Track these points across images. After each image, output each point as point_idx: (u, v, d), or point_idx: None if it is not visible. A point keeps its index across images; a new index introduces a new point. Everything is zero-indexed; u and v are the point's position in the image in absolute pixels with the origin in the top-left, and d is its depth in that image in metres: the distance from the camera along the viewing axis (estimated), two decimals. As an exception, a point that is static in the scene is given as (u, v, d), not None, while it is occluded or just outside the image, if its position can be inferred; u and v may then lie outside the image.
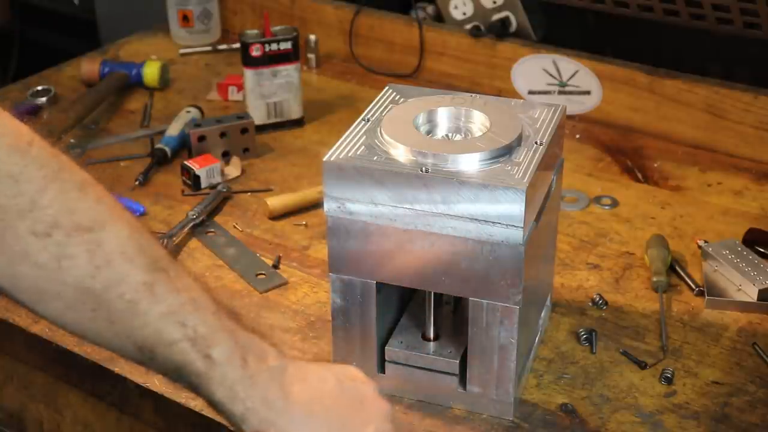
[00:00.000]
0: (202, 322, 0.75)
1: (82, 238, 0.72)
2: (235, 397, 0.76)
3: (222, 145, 1.49)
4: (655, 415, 1.01)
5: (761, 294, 1.16)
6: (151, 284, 0.74)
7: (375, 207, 0.94)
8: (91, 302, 0.73)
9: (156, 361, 0.76)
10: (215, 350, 0.75)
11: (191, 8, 1.88)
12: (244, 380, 0.76)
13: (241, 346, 0.77)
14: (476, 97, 1.04)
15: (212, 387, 0.76)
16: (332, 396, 0.81)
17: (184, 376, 0.76)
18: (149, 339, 0.74)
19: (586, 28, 1.72)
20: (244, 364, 0.76)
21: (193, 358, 0.75)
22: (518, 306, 0.94)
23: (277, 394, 0.78)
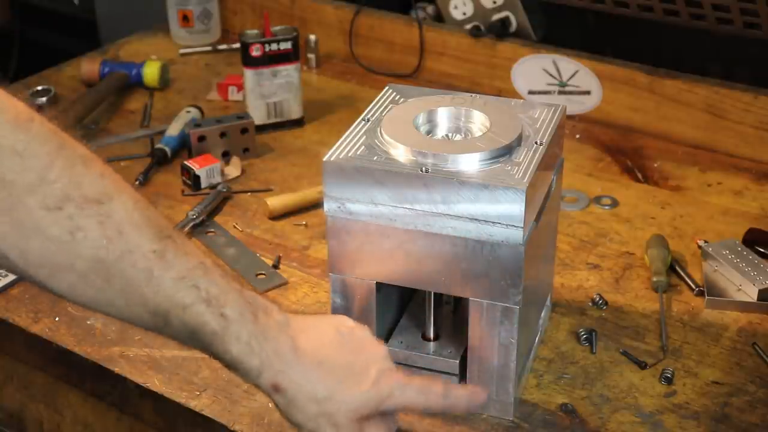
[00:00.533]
0: (213, 283, 0.79)
1: (92, 210, 0.74)
2: (251, 351, 0.80)
3: (222, 145, 1.49)
4: (655, 415, 1.01)
5: (761, 294, 1.16)
6: (161, 252, 0.76)
7: (375, 207, 0.94)
8: (104, 273, 0.75)
9: (170, 326, 0.78)
10: (228, 309, 0.79)
11: (191, 8, 1.88)
12: (257, 335, 0.80)
13: (251, 303, 0.81)
14: (476, 97, 1.04)
15: (228, 344, 0.79)
16: (334, 344, 0.86)
17: (200, 338, 0.79)
18: (163, 304, 0.77)
19: (586, 28, 1.72)
20: (255, 319, 0.81)
21: (208, 319, 0.78)
22: (518, 306, 0.94)
23: (287, 346, 0.82)
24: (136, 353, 1.10)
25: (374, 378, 0.85)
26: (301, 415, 0.84)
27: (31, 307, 1.17)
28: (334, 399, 0.83)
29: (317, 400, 0.83)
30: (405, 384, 0.87)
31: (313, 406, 0.83)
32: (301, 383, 0.82)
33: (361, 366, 0.86)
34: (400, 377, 0.87)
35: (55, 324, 1.15)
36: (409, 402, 0.87)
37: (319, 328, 0.87)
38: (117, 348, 1.11)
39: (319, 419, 0.84)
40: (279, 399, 0.83)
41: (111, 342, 1.12)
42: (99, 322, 1.15)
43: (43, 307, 1.17)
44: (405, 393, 0.86)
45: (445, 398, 0.89)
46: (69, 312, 1.16)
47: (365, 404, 0.85)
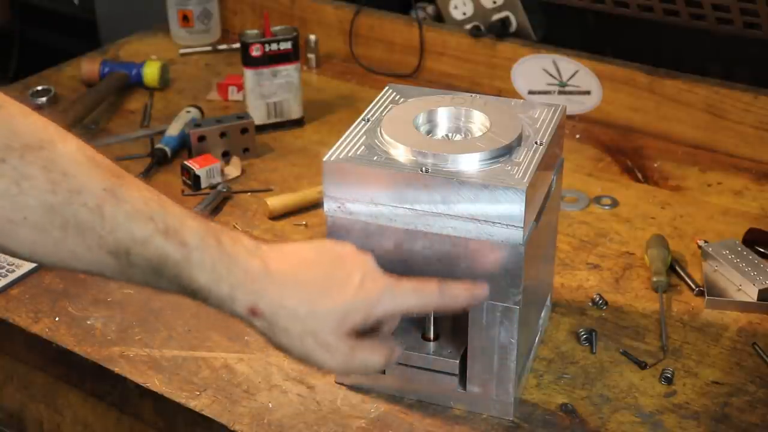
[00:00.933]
0: (169, 213, 0.77)
1: (35, 156, 0.72)
2: (219, 277, 0.77)
3: (222, 145, 1.49)
4: (655, 415, 1.01)
5: (761, 294, 1.16)
6: (111, 189, 0.75)
7: (375, 207, 0.94)
8: (57, 220, 0.73)
9: (135, 266, 0.76)
10: (188, 236, 0.77)
11: (191, 8, 1.89)
12: (222, 258, 0.78)
13: (213, 230, 0.79)
14: (476, 97, 1.04)
15: (194, 273, 0.77)
16: (312, 260, 0.83)
17: (165, 272, 0.77)
18: (122, 242, 0.75)
19: (586, 28, 1.72)
20: (219, 244, 0.78)
21: (169, 250, 0.76)
22: (518, 306, 0.94)
23: (258, 267, 0.79)
24: (136, 353, 1.10)
25: (358, 284, 0.81)
26: (286, 337, 0.80)
27: (31, 307, 1.17)
28: (317, 313, 0.79)
29: (299, 318, 0.79)
30: (395, 286, 0.82)
31: (296, 324, 0.79)
32: (279, 302, 0.79)
33: (344, 275, 0.82)
34: (389, 280, 0.83)
35: (55, 324, 1.15)
36: (401, 304, 0.83)
37: (295, 249, 0.83)
38: (117, 348, 1.11)
39: (306, 339, 0.80)
40: (260, 324, 0.80)
41: (111, 342, 1.12)
42: (99, 322, 1.15)
43: (43, 307, 1.17)
44: (396, 296, 0.82)
45: (442, 296, 0.84)
46: (69, 312, 1.16)
47: (353, 313, 0.80)
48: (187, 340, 1.12)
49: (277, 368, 1.07)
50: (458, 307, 0.88)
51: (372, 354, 0.83)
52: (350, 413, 1.01)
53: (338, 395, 1.04)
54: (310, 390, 1.04)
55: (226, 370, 1.07)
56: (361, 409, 1.02)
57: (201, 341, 1.12)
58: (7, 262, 1.24)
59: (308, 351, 0.80)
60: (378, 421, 1.00)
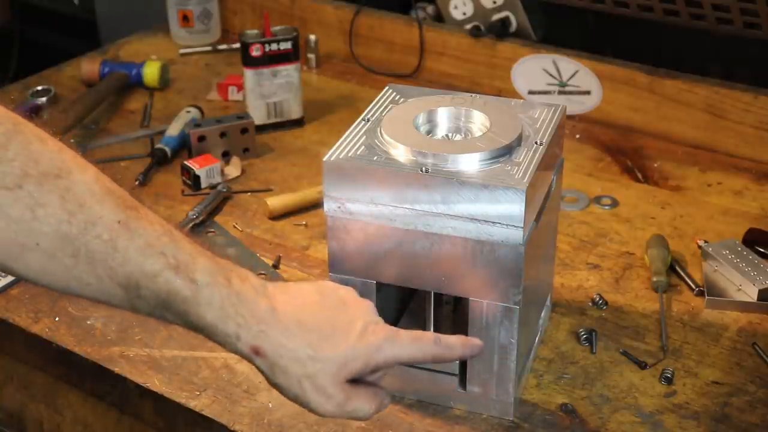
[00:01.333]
0: (180, 249, 0.77)
1: (52, 185, 0.73)
2: (226, 315, 0.78)
3: (222, 145, 1.49)
4: (655, 415, 1.01)
5: (761, 294, 1.16)
6: (125, 222, 0.75)
7: (375, 207, 0.94)
8: (69, 248, 0.74)
9: (143, 298, 0.77)
10: (198, 274, 0.77)
11: (191, 8, 1.89)
12: (231, 297, 0.79)
13: (222, 268, 0.80)
14: (476, 97, 1.04)
15: (201, 310, 0.78)
16: (316, 303, 0.84)
17: (173, 307, 0.77)
18: (133, 275, 0.75)
19: (586, 28, 1.72)
20: (228, 283, 0.79)
21: (179, 286, 0.76)
22: (518, 306, 0.94)
23: (264, 308, 0.80)
24: (136, 353, 1.10)
25: (359, 332, 0.82)
26: (284, 378, 0.81)
27: (31, 307, 1.17)
28: (317, 358, 0.80)
29: (300, 360, 0.80)
30: (394, 336, 0.83)
31: (296, 367, 0.80)
32: (282, 344, 0.80)
33: (346, 321, 0.83)
34: (389, 330, 0.84)
35: (55, 324, 1.15)
36: (400, 354, 0.84)
37: (299, 290, 0.85)
38: (117, 348, 1.11)
39: (303, 382, 0.81)
40: (261, 363, 0.81)
41: (111, 342, 1.12)
42: (99, 322, 1.15)
43: (43, 307, 1.17)
44: (395, 345, 0.83)
45: (438, 347, 0.85)
46: (69, 312, 1.16)
47: (353, 361, 0.81)
48: (187, 340, 1.12)
49: (277, 368, 1.07)
50: (454, 358, 0.89)
51: (365, 403, 0.84)
52: (350, 413, 1.01)
53: (338, 395, 1.03)
54: (310, 390, 1.04)
55: (226, 370, 1.07)
56: (361, 409, 1.02)
57: (201, 341, 1.10)
58: (7, 262, 1.24)
59: (304, 394, 0.82)
60: (378, 421, 1.00)
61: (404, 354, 0.84)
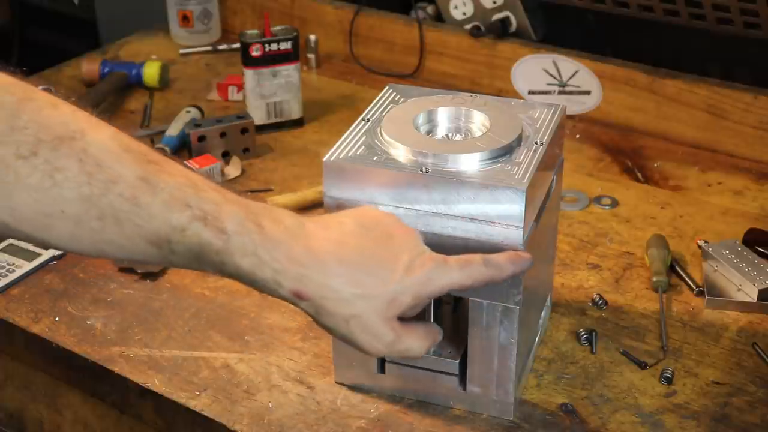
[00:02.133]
0: (206, 200, 0.75)
1: (68, 148, 0.71)
2: (262, 262, 0.76)
3: (222, 145, 1.49)
4: (655, 415, 1.01)
5: (761, 294, 1.16)
6: (145, 177, 0.73)
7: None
8: (94, 211, 0.72)
9: (177, 254, 0.75)
10: (227, 222, 0.75)
11: (191, 8, 1.89)
12: (264, 244, 0.76)
13: (253, 213, 0.77)
14: (476, 97, 1.04)
15: (236, 259, 0.76)
16: (357, 237, 0.81)
17: (207, 258, 0.76)
18: (161, 231, 0.74)
19: (586, 28, 1.72)
20: (260, 229, 0.76)
21: (209, 237, 0.75)
22: (518, 306, 0.94)
23: (301, 250, 0.77)
24: (136, 353, 1.10)
25: (406, 265, 0.80)
26: (331, 318, 0.78)
27: (31, 307, 1.17)
28: (363, 296, 0.78)
29: (345, 300, 0.77)
30: (443, 265, 0.81)
31: (342, 307, 0.78)
32: (325, 284, 0.77)
33: (391, 256, 0.80)
34: (436, 258, 0.81)
35: (55, 324, 1.15)
36: (450, 283, 0.81)
37: (339, 224, 0.81)
38: (117, 348, 1.11)
39: (350, 322, 0.78)
40: (306, 306, 0.78)
41: (111, 342, 1.12)
42: (99, 322, 1.15)
43: (43, 307, 1.17)
44: (444, 274, 0.81)
45: (488, 268, 0.83)
46: (69, 312, 1.16)
47: (401, 296, 0.79)
48: (187, 340, 1.12)
49: (277, 368, 1.07)
50: (505, 277, 0.86)
51: (416, 340, 0.83)
52: (350, 413, 1.01)
53: (338, 395, 1.04)
54: (310, 390, 1.04)
55: (226, 370, 1.07)
56: (361, 409, 1.02)
57: (201, 341, 1.12)
58: (7, 263, 1.24)
59: (353, 334, 0.79)
60: (378, 421, 1.00)
61: (455, 282, 0.82)
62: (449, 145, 0.97)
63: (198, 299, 1.18)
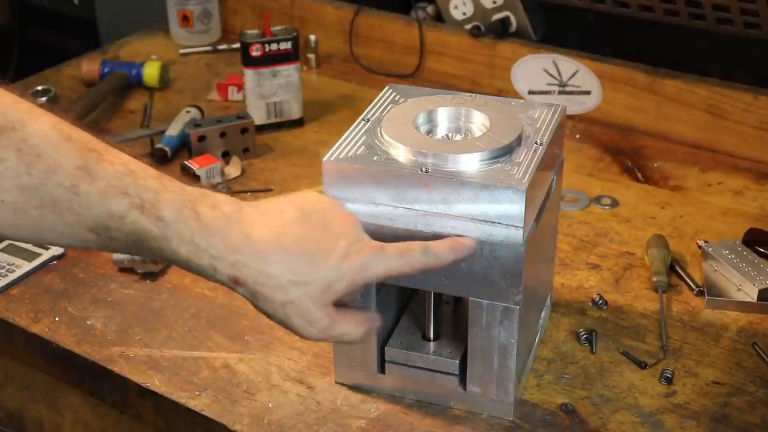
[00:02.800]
0: (144, 188, 0.76)
1: (7, 139, 0.72)
2: (198, 249, 0.78)
3: (222, 145, 1.49)
4: (655, 415, 1.01)
5: (761, 294, 1.16)
6: (84, 166, 0.74)
7: (375, 207, 0.94)
8: (34, 200, 0.74)
9: (116, 240, 0.77)
10: (164, 210, 0.77)
11: (191, 8, 1.89)
12: (201, 231, 0.78)
13: (190, 201, 0.78)
14: (476, 97, 1.04)
15: (173, 246, 0.77)
16: (295, 224, 0.82)
17: (146, 246, 0.77)
18: (100, 218, 0.75)
19: (586, 28, 1.72)
20: (197, 216, 0.78)
21: (146, 224, 0.76)
22: (518, 306, 0.94)
23: (238, 236, 0.79)
24: (136, 353, 1.10)
25: (344, 252, 0.81)
26: (267, 304, 0.80)
27: (31, 307, 1.17)
28: (299, 282, 0.79)
29: (281, 286, 0.79)
30: (380, 252, 0.82)
31: (278, 293, 0.79)
32: (261, 271, 0.79)
33: (328, 242, 0.81)
34: (374, 246, 0.82)
35: (55, 324, 1.15)
36: (387, 270, 0.82)
37: (278, 211, 0.82)
38: (117, 348, 1.11)
39: (286, 307, 0.80)
40: (242, 292, 0.80)
41: (111, 342, 1.12)
42: (99, 322, 1.15)
43: (43, 307, 1.17)
44: (381, 262, 0.82)
45: (426, 256, 0.84)
46: (69, 312, 1.16)
47: (336, 282, 0.80)
48: (187, 340, 1.12)
49: (277, 368, 1.07)
50: (444, 265, 0.87)
51: (353, 326, 0.84)
52: (350, 413, 1.01)
53: (338, 395, 1.04)
54: (310, 390, 1.04)
55: (226, 370, 1.07)
56: (361, 409, 1.02)
57: (201, 341, 1.12)
58: (7, 263, 1.24)
59: (289, 319, 0.80)
60: (378, 421, 1.00)
61: (392, 269, 0.83)
62: (449, 145, 0.97)
63: (198, 299, 1.18)
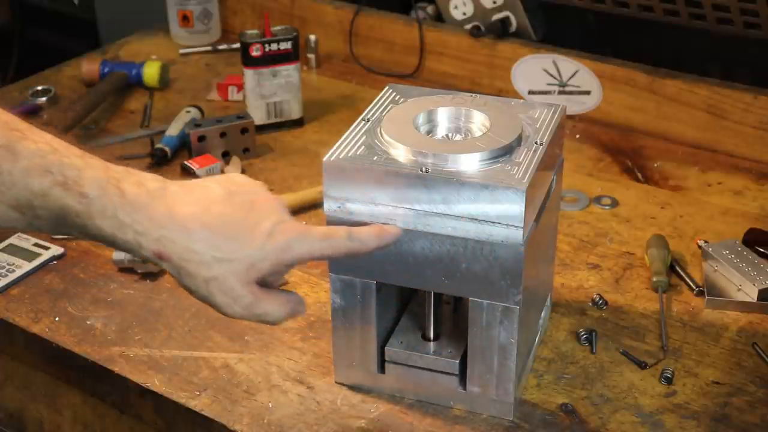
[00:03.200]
0: (67, 165, 0.77)
1: None
2: (123, 224, 0.78)
3: (222, 145, 1.49)
4: (655, 415, 1.01)
5: (761, 294, 1.16)
6: (6, 145, 0.76)
7: (375, 207, 0.94)
8: None
9: (40, 218, 0.78)
10: (87, 187, 0.77)
11: (191, 8, 1.89)
12: (124, 206, 0.78)
13: (114, 177, 0.79)
14: (476, 97, 1.04)
15: (97, 222, 0.78)
16: (221, 203, 0.82)
17: (69, 222, 0.78)
18: (23, 196, 0.76)
19: (586, 28, 1.72)
20: (121, 192, 0.79)
21: (69, 201, 0.77)
22: (518, 306, 0.94)
23: (163, 212, 0.79)
24: (136, 353, 1.10)
25: (268, 231, 0.81)
26: (191, 280, 0.80)
27: (31, 307, 1.17)
28: (223, 259, 0.80)
29: (206, 263, 0.79)
30: (304, 234, 0.83)
31: (202, 269, 0.80)
32: (187, 247, 0.79)
33: (253, 222, 0.81)
34: (298, 227, 0.83)
35: (55, 324, 1.15)
36: (310, 251, 0.83)
37: (203, 189, 0.83)
38: (117, 348, 1.11)
39: (210, 284, 0.80)
40: (168, 268, 0.80)
41: (111, 342, 1.12)
42: (99, 322, 1.15)
43: (43, 307, 1.17)
44: (304, 243, 0.82)
45: (351, 240, 0.85)
46: (69, 312, 1.16)
47: (260, 261, 0.81)
48: (187, 340, 1.12)
49: (277, 368, 1.07)
50: (368, 251, 0.88)
51: (276, 306, 0.84)
52: (350, 413, 1.01)
53: (338, 395, 1.04)
54: (310, 390, 1.04)
55: (226, 370, 1.07)
56: (361, 409, 1.02)
57: (201, 341, 1.12)
58: (7, 263, 1.24)
59: (212, 295, 0.81)
60: (378, 421, 1.00)
61: (315, 251, 0.83)
62: (449, 145, 0.97)
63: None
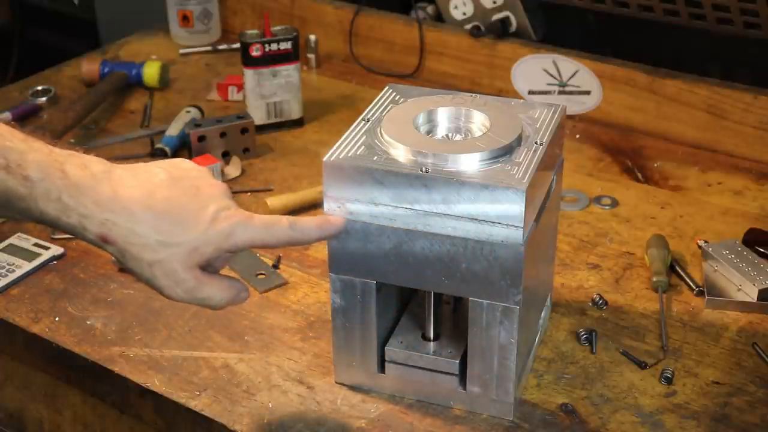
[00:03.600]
0: (9, 149, 0.78)
1: None
2: (67, 207, 0.79)
3: (222, 145, 1.49)
4: (655, 415, 1.01)
5: (761, 294, 1.16)
6: None
7: (375, 207, 0.94)
8: None
9: None
10: (31, 170, 0.78)
11: (191, 8, 1.89)
12: (69, 189, 0.79)
13: (58, 161, 0.80)
14: (476, 97, 1.04)
15: (40, 205, 0.79)
16: (165, 187, 0.83)
17: (13, 205, 0.79)
18: None
19: (586, 28, 1.72)
20: (64, 175, 0.79)
21: (12, 184, 0.78)
22: (518, 306, 0.94)
23: (108, 195, 0.80)
24: (136, 353, 1.10)
25: (212, 217, 0.82)
26: (135, 262, 0.81)
27: (31, 307, 1.17)
28: (167, 243, 0.81)
29: (149, 246, 0.80)
30: (247, 221, 0.83)
31: (146, 252, 0.81)
32: (131, 230, 0.80)
33: (197, 207, 0.82)
34: (241, 214, 0.84)
35: (55, 324, 1.15)
36: (252, 239, 0.84)
37: (149, 173, 0.84)
38: (117, 348, 1.11)
39: (153, 267, 0.81)
40: (112, 251, 0.81)
41: (111, 342, 1.12)
42: (99, 322, 1.15)
43: (43, 307, 1.17)
44: (247, 230, 0.83)
45: (293, 230, 0.86)
46: (69, 312, 1.16)
47: (203, 246, 0.82)
48: (187, 340, 1.12)
49: (277, 368, 1.07)
50: (310, 241, 0.90)
51: (218, 291, 0.85)
52: (350, 413, 1.01)
53: (338, 395, 1.04)
54: (310, 390, 1.04)
55: (226, 370, 1.07)
56: (361, 409, 1.02)
57: (201, 341, 1.12)
58: (7, 263, 1.24)
59: (155, 278, 0.82)
60: (378, 421, 1.00)
61: (257, 239, 0.84)
62: (449, 145, 0.97)
63: (198, 299, 1.18)
